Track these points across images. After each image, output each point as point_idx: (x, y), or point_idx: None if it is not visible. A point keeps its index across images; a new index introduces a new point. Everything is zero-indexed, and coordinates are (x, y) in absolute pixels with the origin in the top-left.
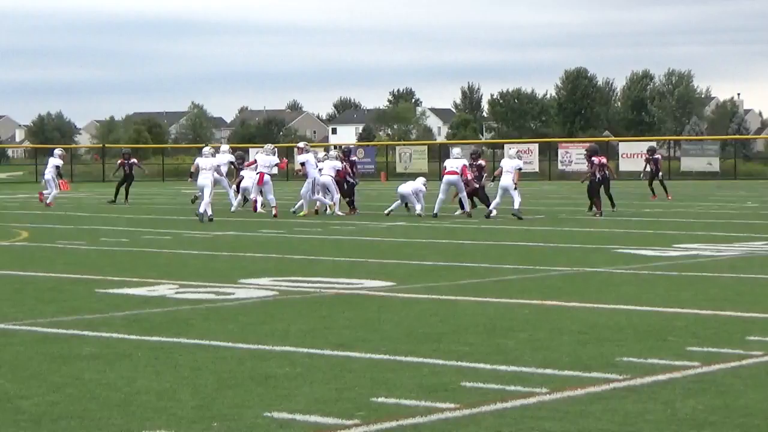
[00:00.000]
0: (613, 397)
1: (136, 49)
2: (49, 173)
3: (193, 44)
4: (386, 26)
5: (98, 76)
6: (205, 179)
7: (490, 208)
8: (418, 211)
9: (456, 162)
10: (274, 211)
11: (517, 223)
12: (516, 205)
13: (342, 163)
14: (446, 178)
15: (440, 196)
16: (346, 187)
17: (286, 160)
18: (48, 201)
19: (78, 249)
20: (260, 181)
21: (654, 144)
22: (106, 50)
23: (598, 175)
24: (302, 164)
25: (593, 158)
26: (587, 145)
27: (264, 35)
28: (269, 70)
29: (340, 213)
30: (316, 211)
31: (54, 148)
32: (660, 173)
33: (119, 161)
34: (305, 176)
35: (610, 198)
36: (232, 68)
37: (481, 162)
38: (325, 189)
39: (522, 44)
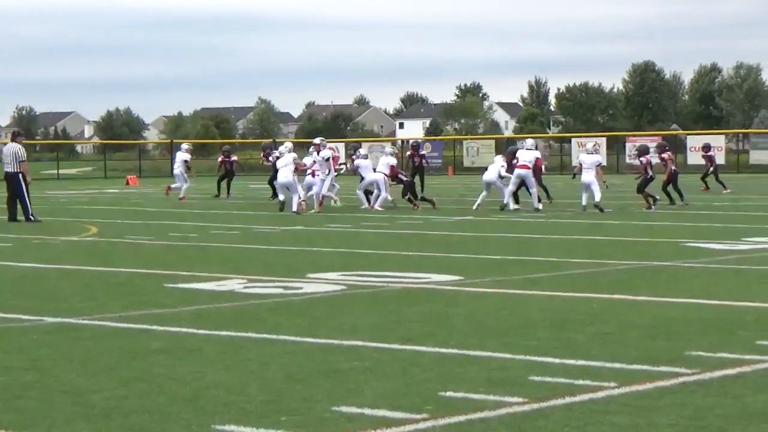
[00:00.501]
0: (682, 392)
1: (203, 44)
2: (178, 168)
3: (261, 39)
4: (453, 21)
5: (166, 71)
6: (286, 176)
7: (583, 204)
8: (506, 200)
9: (529, 154)
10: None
11: (584, 217)
12: (597, 198)
13: (396, 159)
14: (517, 171)
15: (510, 188)
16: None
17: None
18: (180, 195)
19: (146, 244)
20: (312, 174)
21: (709, 142)
22: (174, 46)
23: (650, 173)
24: (327, 160)
25: (641, 158)
26: (655, 138)
27: (331, 30)
28: (336, 65)
29: (379, 208)
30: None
31: (181, 143)
32: (711, 168)
33: (220, 158)
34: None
35: (679, 191)
36: (300, 63)
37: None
38: (377, 185)
39: (589, 38)
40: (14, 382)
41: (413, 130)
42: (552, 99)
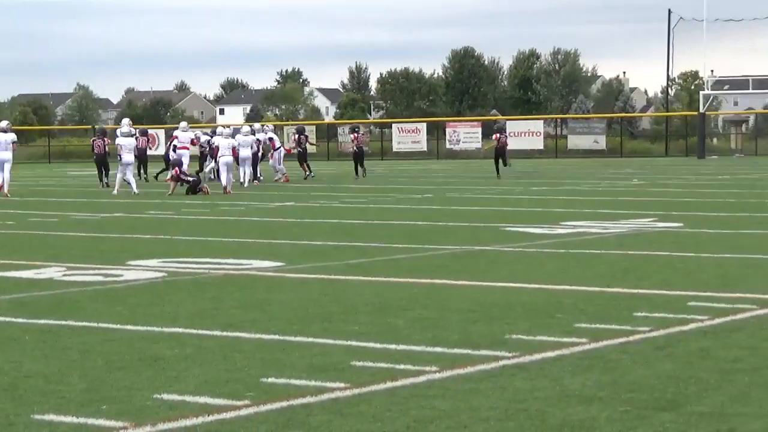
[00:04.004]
0: (502, 375)
1: (21, 29)
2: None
3: (80, 25)
4: (273, 6)
5: None
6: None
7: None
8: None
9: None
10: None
11: (405, 202)
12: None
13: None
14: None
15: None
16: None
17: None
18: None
19: None
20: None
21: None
22: None
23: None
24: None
25: (295, 135)
26: (475, 123)
27: (150, 16)
28: (156, 51)
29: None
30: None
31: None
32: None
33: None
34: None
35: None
36: (119, 49)
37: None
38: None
39: (410, 24)
40: None
41: (234, 116)
42: (373, 84)
